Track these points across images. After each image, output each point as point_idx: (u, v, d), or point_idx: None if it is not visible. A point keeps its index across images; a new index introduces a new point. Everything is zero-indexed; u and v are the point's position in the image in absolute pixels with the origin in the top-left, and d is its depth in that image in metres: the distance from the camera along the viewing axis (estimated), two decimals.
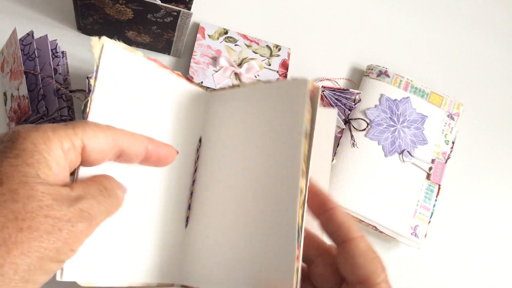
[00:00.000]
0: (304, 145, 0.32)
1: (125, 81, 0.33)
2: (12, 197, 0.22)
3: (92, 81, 0.31)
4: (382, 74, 0.60)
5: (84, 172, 0.29)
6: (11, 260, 0.21)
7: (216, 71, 0.56)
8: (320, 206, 0.33)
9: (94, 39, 0.31)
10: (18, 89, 0.47)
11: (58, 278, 0.27)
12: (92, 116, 0.30)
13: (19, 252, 0.22)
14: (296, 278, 0.31)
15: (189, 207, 0.38)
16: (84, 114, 0.31)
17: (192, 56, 0.56)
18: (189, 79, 0.53)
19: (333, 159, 0.56)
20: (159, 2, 0.47)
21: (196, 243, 0.37)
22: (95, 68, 0.31)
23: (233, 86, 0.39)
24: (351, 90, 0.54)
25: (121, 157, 0.30)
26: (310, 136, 0.32)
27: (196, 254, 0.37)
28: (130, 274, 0.33)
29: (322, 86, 0.54)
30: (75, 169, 0.28)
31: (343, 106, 0.55)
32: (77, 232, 0.24)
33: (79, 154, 0.27)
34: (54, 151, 0.25)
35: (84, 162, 0.27)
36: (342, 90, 0.54)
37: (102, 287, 0.30)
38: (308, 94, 0.32)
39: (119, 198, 0.28)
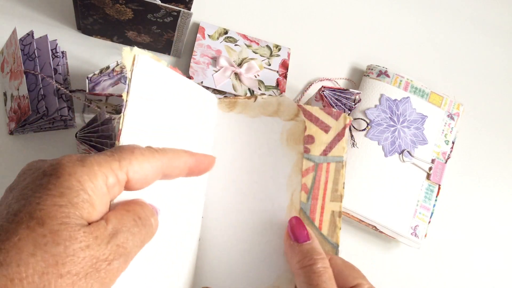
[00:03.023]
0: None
1: (154, 93, 0.33)
2: (53, 239, 0.21)
3: (124, 96, 0.30)
4: (382, 74, 0.59)
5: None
6: None
7: (216, 71, 0.56)
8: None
9: (126, 49, 0.30)
10: (18, 89, 0.47)
11: None
12: (125, 133, 0.29)
13: None
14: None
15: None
16: (115, 131, 0.29)
17: (192, 56, 0.56)
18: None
19: None
20: (159, 2, 0.47)
21: (206, 255, 0.38)
22: (127, 82, 0.30)
23: (249, 97, 0.40)
24: (351, 90, 0.54)
25: (162, 178, 0.29)
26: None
27: (207, 264, 0.37)
28: None
29: (322, 86, 0.54)
30: None
31: (343, 106, 0.55)
32: (113, 270, 0.23)
33: (122, 188, 0.26)
34: (99, 189, 0.24)
35: (125, 189, 0.27)
36: (342, 90, 0.54)
37: None
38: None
39: (153, 227, 0.27)
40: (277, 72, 0.59)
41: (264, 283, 0.36)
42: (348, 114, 0.57)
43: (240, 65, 0.58)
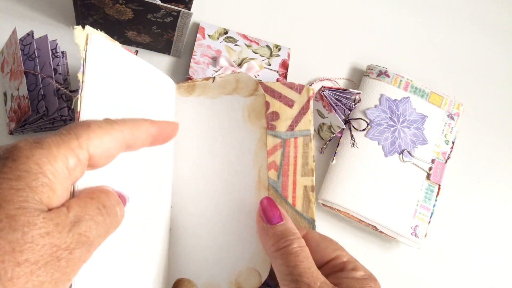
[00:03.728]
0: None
1: (111, 74, 0.31)
2: (10, 224, 0.20)
3: (79, 76, 0.28)
4: (382, 74, 0.59)
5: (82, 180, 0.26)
6: None
7: (216, 71, 0.56)
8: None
9: (78, 28, 0.29)
10: (18, 89, 0.47)
11: None
12: (83, 116, 0.28)
13: None
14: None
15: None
16: (74, 113, 0.29)
17: (192, 56, 0.56)
18: (190, 78, 0.53)
19: (333, 159, 0.56)
20: (159, 2, 0.47)
21: (178, 243, 0.37)
22: (81, 62, 0.29)
23: (207, 78, 0.39)
24: (351, 90, 0.54)
25: (126, 150, 0.28)
26: None
27: (180, 253, 0.37)
28: None
29: (322, 86, 0.54)
30: None
31: (343, 106, 0.55)
32: (75, 259, 0.22)
33: (84, 168, 0.24)
34: (60, 172, 0.22)
35: (89, 168, 0.25)
36: (342, 90, 0.54)
37: None
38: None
39: (118, 216, 0.26)
40: (277, 72, 0.59)
41: (239, 265, 0.35)
42: (348, 114, 0.57)
43: (240, 65, 0.58)
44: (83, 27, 0.30)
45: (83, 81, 0.28)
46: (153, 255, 0.34)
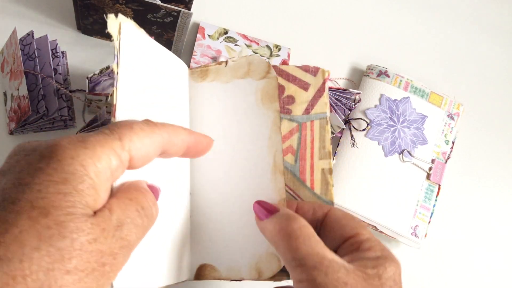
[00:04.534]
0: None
1: (139, 61, 0.31)
2: (59, 231, 0.19)
3: (114, 67, 0.28)
4: (382, 74, 0.59)
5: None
6: None
7: None
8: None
9: (111, 17, 0.28)
10: (18, 89, 0.47)
11: None
12: (119, 109, 0.28)
13: None
14: None
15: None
16: (110, 108, 0.28)
17: (192, 56, 0.56)
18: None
19: (333, 159, 0.55)
20: (159, 2, 0.47)
21: (199, 230, 0.37)
22: (115, 53, 0.28)
23: (220, 63, 0.39)
24: (351, 90, 0.54)
25: (161, 156, 0.27)
26: None
27: (202, 239, 0.37)
28: (160, 278, 0.31)
29: None
30: None
31: (343, 106, 0.55)
32: (118, 264, 0.22)
33: (124, 169, 0.24)
34: (103, 173, 0.22)
35: (127, 169, 0.25)
36: (342, 90, 0.54)
37: None
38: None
39: (154, 217, 0.26)
40: None
41: (259, 250, 0.35)
42: (348, 114, 0.57)
43: None
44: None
45: (117, 73, 0.28)
46: (176, 241, 0.35)
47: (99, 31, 0.53)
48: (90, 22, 0.52)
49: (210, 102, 0.39)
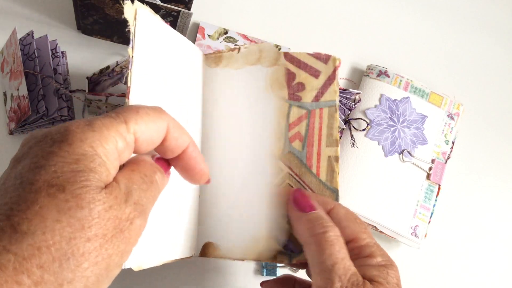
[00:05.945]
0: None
1: (154, 46, 0.32)
2: (77, 203, 0.21)
3: (130, 51, 0.29)
4: (382, 74, 0.59)
5: None
6: (81, 274, 0.20)
7: None
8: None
9: (127, 3, 0.29)
10: (18, 89, 0.47)
11: None
12: (133, 91, 0.29)
13: (89, 264, 0.20)
14: None
15: None
16: (126, 88, 0.29)
17: None
18: None
19: None
20: (159, 2, 0.47)
21: (208, 209, 0.39)
22: (131, 37, 0.29)
23: (233, 49, 0.41)
24: (351, 90, 0.54)
25: (163, 143, 0.28)
26: None
27: (208, 218, 0.38)
28: (170, 252, 0.33)
29: None
30: None
31: (343, 106, 0.55)
32: (136, 229, 0.23)
33: (131, 150, 0.25)
34: (111, 153, 0.23)
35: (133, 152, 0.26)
36: (342, 90, 0.54)
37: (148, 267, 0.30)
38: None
39: (158, 184, 0.27)
40: None
41: (261, 233, 0.37)
42: (348, 114, 0.57)
43: None
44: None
45: (132, 56, 0.29)
46: (184, 218, 0.36)
47: (99, 31, 0.53)
48: (90, 22, 0.52)
49: (222, 87, 0.40)
